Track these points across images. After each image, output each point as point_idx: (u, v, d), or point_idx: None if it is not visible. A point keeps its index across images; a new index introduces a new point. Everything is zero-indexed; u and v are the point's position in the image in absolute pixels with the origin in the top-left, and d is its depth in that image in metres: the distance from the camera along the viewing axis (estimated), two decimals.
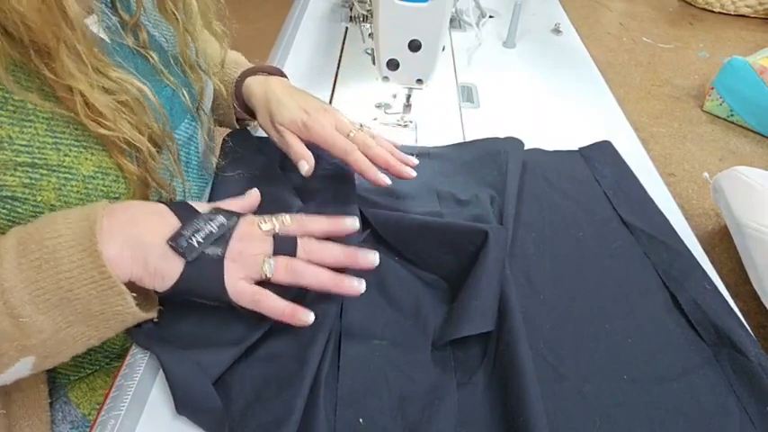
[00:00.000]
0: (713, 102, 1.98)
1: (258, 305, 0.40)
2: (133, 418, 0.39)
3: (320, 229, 0.45)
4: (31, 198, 0.39)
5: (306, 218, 0.45)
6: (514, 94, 0.82)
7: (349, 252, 0.44)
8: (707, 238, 1.51)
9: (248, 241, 0.41)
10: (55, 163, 0.40)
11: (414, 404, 0.41)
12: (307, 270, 0.42)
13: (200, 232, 0.39)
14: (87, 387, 0.54)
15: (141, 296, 0.40)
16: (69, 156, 0.40)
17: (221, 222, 0.41)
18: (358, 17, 0.93)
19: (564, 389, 0.43)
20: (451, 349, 0.46)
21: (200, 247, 0.39)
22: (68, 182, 0.40)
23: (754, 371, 0.44)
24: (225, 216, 0.42)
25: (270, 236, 0.42)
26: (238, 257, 0.40)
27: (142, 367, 0.42)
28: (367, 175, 0.53)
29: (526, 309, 0.48)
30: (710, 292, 0.50)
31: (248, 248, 0.41)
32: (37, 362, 0.37)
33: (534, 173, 0.64)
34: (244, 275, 0.40)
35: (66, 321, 0.36)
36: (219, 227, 0.40)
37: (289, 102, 0.56)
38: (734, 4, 2.73)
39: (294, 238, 0.43)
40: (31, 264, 0.35)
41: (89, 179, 0.41)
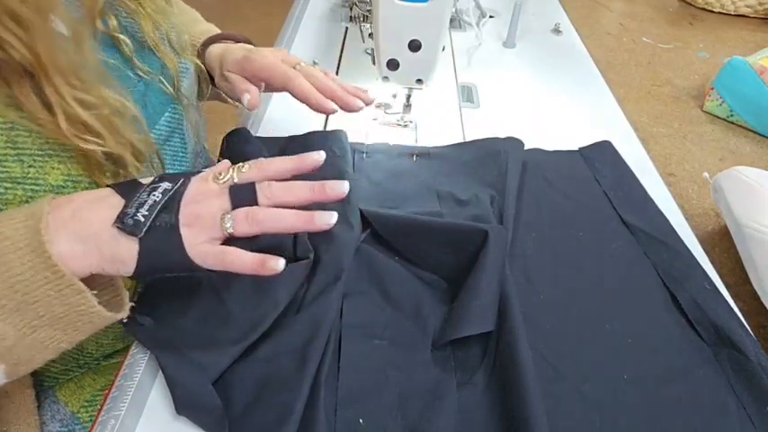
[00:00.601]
0: (713, 102, 1.98)
1: (226, 265, 0.38)
2: (133, 419, 0.39)
3: (282, 169, 0.41)
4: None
5: (265, 161, 0.41)
6: (514, 94, 0.82)
7: (315, 186, 0.41)
8: (707, 238, 1.51)
9: (202, 200, 0.38)
10: (19, 175, 0.38)
11: (414, 404, 0.41)
12: (270, 215, 0.38)
13: (144, 205, 0.36)
14: (75, 386, 0.53)
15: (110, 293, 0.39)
16: (34, 167, 0.38)
17: (165, 188, 0.37)
18: (358, 17, 0.93)
19: (564, 389, 0.43)
20: (451, 349, 0.46)
21: (147, 220, 0.35)
22: (36, 193, 0.38)
23: (754, 371, 0.44)
24: (169, 180, 0.38)
25: (226, 189, 0.39)
26: (195, 221, 0.37)
27: (142, 367, 0.42)
28: (309, 100, 0.50)
29: (526, 309, 0.48)
30: (710, 291, 0.50)
31: (203, 208, 0.38)
32: (8, 369, 0.36)
33: (534, 173, 0.64)
34: (206, 238, 0.37)
35: (29, 326, 0.35)
36: (163, 192, 0.37)
37: (236, 49, 0.55)
38: (734, 4, 2.73)
39: (252, 185, 0.39)
40: None
41: (58, 189, 0.39)
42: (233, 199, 0.39)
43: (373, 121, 0.72)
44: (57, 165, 0.39)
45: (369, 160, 0.65)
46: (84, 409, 0.52)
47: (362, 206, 0.56)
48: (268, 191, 0.40)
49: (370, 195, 0.59)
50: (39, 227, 0.33)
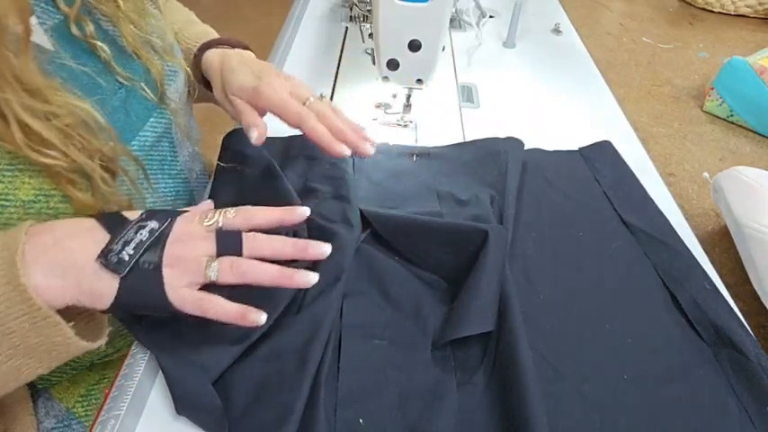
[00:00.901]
0: (713, 102, 1.98)
1: (205, 312, 0.37)
2: (133, 419, 0.39)
3: (267, 220, 0.41)
4: None
5: (252, 209, 0.41)
6: (514, 94, 0.82)
7: (298, 244, 0.40)
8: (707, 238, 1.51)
9: (187, 242, 0.38)
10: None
11: (414, 404, 0.41)
12: (254, 268, 0.38)
13: (131, 243, 0.36)
14: (69, 383, 0.53)
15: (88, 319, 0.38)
16: (3, 182, 0.37)
17: (152, 227, 0.37)
18: (358, 17, 0.93)
19: (564, 388, 0.43)
20: (451, 349, 0.46)
21: (132, 260, 0.35)
22: (5, 209, 0.37)
23: (754, 371, 0.44)
24: (158, 220, 0.38)
25: (212, 232, 0.39)
26: (177, 262, 0.37)
27: (142, 367, 0.43)
28: (323, 143, 0.49)
29: (526, 309, 0.48)
30: (710, 292, 0.50)
31: (187, 251, 0.37)
32: None
33: (534, 173, 0.64)
34: (186, 282, 0.37)
35: (5, 355, 0.34)
36: (150, 232, 0.37)
37: (241, 69, 0.53)
38: (734, 4, 2.73)
39: (238, 234, 0.39)
40: None
41: (29, 204, 0.38)
42: (219, 245, 0.38)
43: (373, 121, 0.72)
44: (27, 179, 0.38)
45: (369, 160, 0.65)
46: (80, 404, 0.52)
47: (362, 206, 0.56)
48: (253, 242, 0.39)
49: (370, 195, 0.59)
50: (14, 259, 0.32)
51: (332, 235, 0.51)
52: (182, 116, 0.54)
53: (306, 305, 0.46)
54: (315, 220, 0.54)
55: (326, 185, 0.58)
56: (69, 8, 0.42)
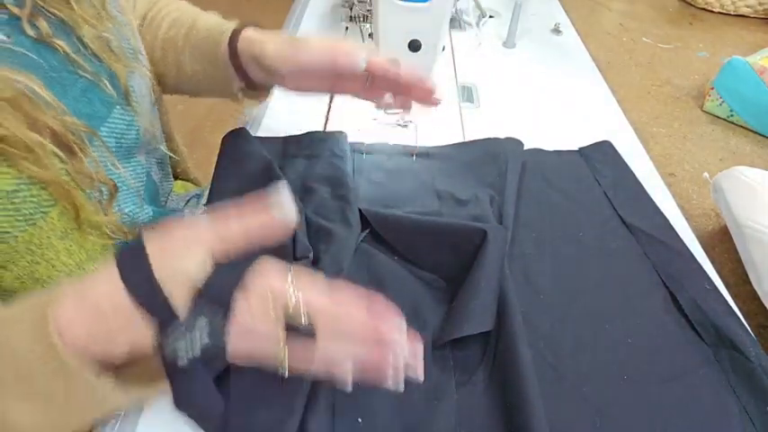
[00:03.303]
0: (713, 102, 1.98)
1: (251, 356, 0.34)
2: (133, 418, 0.39)
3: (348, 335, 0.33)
4: None
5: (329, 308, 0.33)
6: (514, 94, 0.82)
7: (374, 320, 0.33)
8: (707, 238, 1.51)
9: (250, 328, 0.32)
10: None
11: (413, 404, 0.41)
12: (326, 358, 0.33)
13: (182, 351, 0.31)
14: None
15: None
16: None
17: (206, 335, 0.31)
18: (358, 17, 0.93)
19: (563, 389, 0.43)
20: (451, 349, 0.46)
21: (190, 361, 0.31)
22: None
23: (755, 371, 0.44)
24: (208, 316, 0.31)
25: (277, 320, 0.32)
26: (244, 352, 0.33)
27: None
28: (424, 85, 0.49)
29: (526, 309, 0.47)
30: (710, 292, 0.50)
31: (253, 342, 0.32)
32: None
33: (534, 173, 0.64)
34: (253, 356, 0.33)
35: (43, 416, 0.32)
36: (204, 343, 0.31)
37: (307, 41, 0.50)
38: (734, 4, 2.73)
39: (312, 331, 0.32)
40: None
41: (13, 194, 0.37)
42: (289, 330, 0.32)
43: (373, 121, 0.72)
44: (6, 168, 0.37)
45: (369, 160, 0.65)
46: None
47: (362, 206, 0.56)
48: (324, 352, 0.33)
49: (370, 195, 0.59)
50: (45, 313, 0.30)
51: (330, 234, 0.51)
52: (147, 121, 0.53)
53: None
54: (314, 219, 0.54)
55: (326, 185, 0.58)
56: (20, 9, 0.41)
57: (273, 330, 0.32)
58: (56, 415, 0.33)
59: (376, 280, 0.50)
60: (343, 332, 0.33)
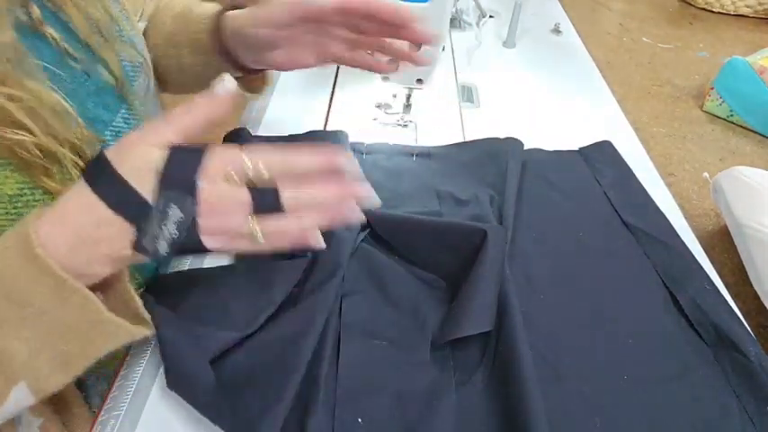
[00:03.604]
0: (713, 102, 1.98)
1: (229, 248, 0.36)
2: (133, 419, 0.39)
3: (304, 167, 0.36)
4: None
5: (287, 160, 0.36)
6: (514, 94, 0.82)
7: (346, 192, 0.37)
8: (707, 238, 1.51)
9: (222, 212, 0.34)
10: None
11: (412, 404, 0.41)
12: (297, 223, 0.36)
13: (160, 238, 0.33)
14: None
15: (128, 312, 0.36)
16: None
17: (178, 218, 0.33)
18: None
19: (563, 389, 0.43)
20: (450, 349, 0.46)
21: (169, 248, 0.33)
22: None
23: (755, 371, 0.44)
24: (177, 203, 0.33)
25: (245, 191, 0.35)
26: (217, 230, 0.34)
27: (142, 367, 0.43)
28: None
29: (526, 309, 0.47)
30: (711, 292, 0.50)
31: (226, 222, 0.35)
32: (33, 385, 0.34)
33: (534, 173, 0.64)
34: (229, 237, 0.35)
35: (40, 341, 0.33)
36: (179, 224, 0.33)
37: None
38: (734, 4, 2.73)
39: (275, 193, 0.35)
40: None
41: (15, 198, 0.37)
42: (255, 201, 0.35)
43: (373, 121, 0.72)
44: (9, 173, 0.37)
45: (368, 160, 0.65)
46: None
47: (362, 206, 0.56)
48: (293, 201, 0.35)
49: None
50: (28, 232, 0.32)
51: (329, 232, 0.51)
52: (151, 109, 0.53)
53: (301, 300, 0.46)
54: None
55: None
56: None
57: (240, 203, 0.34)
58: (53, 341, 0.33)
59: (376, 280, 0.50)
60: (300, 174, 0.36)
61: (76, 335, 0.34)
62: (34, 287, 0.32)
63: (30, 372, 0.33)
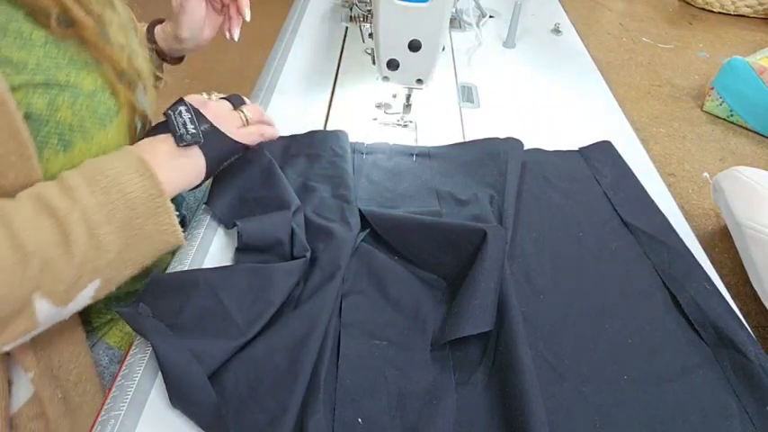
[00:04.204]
0: (713, 102, 1.98)
1: (263, 135, 0.56)
2: (133, 418, 0.39)
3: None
4: (52, 118, 0.42)
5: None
6: (514, 94, 0.82)
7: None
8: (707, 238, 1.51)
9: (213, 107, 0.51)
10: (63, 81, 0.43)
11: (412, 404, 0.41)
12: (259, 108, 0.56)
13: (186, 124, 0.48)
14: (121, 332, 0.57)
15: None
16: (71, 75, 0.43)
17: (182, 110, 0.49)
18: (358, 17, 0.93)
19: (564, 389, 0.43)
20: (450, 349, 0.46)
21: (197, 130, 0.48)
22: (77, 99, 0.44)
23: (754, 371, 0.44)
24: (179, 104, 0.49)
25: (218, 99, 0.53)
26: (220, 118, 0.51)
27: (142, 367, 0.43)
28: None
29: (526, 309, 0.47)
30: (711, 292, 0.50)
31: (218, 111, 0.51)
32: (101, 285, 0.42)
33: (534, 173, 0.64)
34: (236, 126, 0.52)
35: (125, 243, 0.42)
36: (187, 111, 0.49)
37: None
38: (734, 4, 2.73)
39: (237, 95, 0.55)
40: (102, 189, 0.41)
41: (92, 95, 0.45)
42: (233, 102, 0.54)
43: (373, 121, 0.72)
44: (86, 75, 0.45)
45: (369, 160, 0.65)
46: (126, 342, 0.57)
47: (362, 206, 0.56)
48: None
49: (369, 195, 0.59)
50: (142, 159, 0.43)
51: (329, 234, 0.51)
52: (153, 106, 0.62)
53: (302, 302, 0.46)
54: (313, 218, 0.54)
55: (326, 184, 0.58)
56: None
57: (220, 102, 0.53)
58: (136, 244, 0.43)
59: (376, 280, 0.50)
60: None
61: (149, 243, 0.44)
62: (143, 196, 0.42)
63: (108, 271, 0.41)
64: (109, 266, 0.41)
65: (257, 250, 0.50)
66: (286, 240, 0.50)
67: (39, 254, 0.37)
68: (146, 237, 0.43)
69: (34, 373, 0.45)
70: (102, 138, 0.46)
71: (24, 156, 0.40)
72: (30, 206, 0.38)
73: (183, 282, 0.46)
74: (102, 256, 0.40)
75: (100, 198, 0.40)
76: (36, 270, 0.37)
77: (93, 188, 0.41)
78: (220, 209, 0.55)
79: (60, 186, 0.40)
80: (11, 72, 0.39)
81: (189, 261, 0.51)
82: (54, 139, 0.43)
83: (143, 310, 0.44)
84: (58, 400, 0.47)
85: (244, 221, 0.50)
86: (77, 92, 0.44)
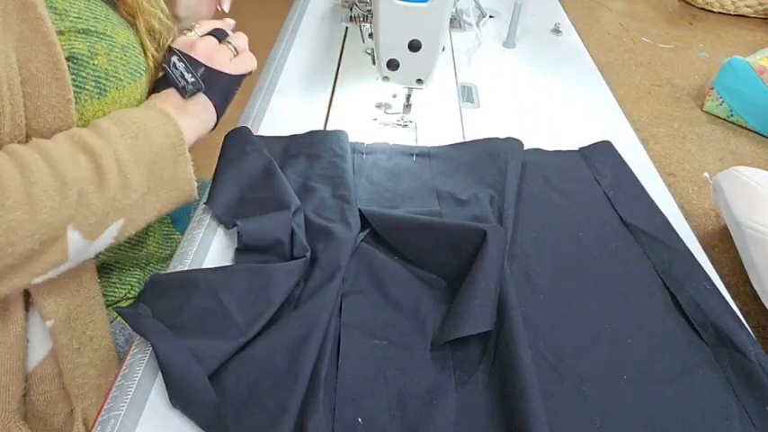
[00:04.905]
0: (713, 102, 1.98)
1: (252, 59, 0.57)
2: (133, 418, 0.39)
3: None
4: (90, 62, 0.46)
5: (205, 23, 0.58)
6: (514, 94, 0.82)
7: None
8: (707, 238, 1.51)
9: (200, 46, 0.54)
10: (102, 31, 0.47)
11: (413, 404, 0.41)
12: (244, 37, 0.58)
13: (183, 76, 0.51)
14: None
15: None
16: (108, 27, 0.48)
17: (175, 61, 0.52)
18: (358, 17, 0.93)
19: (563, 389, 0.43)
20: (450, 349, 0.46)
21: (196, 78, 0.51)
22: (113, 49, 0.48)
23: (754, 371, 0.44)
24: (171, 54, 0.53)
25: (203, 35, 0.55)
26: (211, 56, 0.54)
27: (142, 367, 0.43)
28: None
29: (526, 308, 0.48)
30: (711, 292, 0.50)
31: (206, 47, 0.54)
32: (123, 225, 0.45)
33: (534, 173, 0.64)
34: (227, 58, 0.55)
35: (148, 186, 0.45)
36: (180, 61, 0.52)
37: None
38: (734, 4, 2.73)
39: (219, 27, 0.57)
40: (131, 133, 0.45)
41: (125, 48, 0.49)
42: (216, 35, 0.56)
43: (373, 121, 0.72)
44: (121, 30, 0.49)
45: (368, 160, 0.65)
46: None
47: (362, 206, 0.56)
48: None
49: (369, 195, 0.59)
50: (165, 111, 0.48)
51: (329, 234, 0.51)
52: None
53: (302, 302, 0.46)
54: (313, 219, 0.54)
55: (326, 185, 0.58)
56: None
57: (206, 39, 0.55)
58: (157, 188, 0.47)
59: (376, 280, 0.50)
60: None
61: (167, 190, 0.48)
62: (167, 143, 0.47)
63: (131, 211, 0.45)
64: (133, 207, 0.45)
65: (257, 250, 0.50)
66: (286, 240, 0.50)
67: (76, 185, 0.40)
68: (166, 182, 0.47)
69: (54, 321, 0.47)
70: (132, 90, 0.50)
71: (64, 99, 0.43)
72: (67, 143, 0.42)
73: (183, 282, 0.46)
74: (129, 195, 0.44)
75: (129, 141, 0.44)
76: (73, 200, 0.40)
77: (124, 131, 0.44)
78: (220, 209, 0.55)
79: (94, 129, 0.44)
80: (56, 19, 0.43)
81: (189, 261, 0.51)
82: (91, 83, 0.46)
83: (143, 310, 0.44)
84: (74, 350, 0.49)
85: (244, 221, 0.50)
86: (113, 42, 0.48)
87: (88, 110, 0.46)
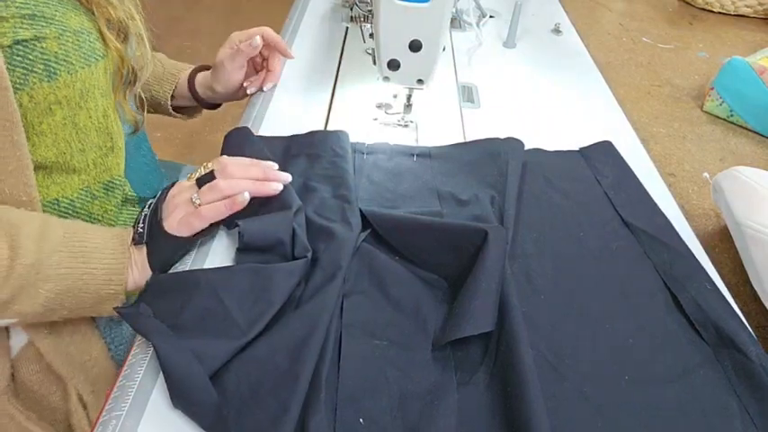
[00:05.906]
0: (713, 102, 1.98)
1: (202, 219, 0.49)
2: (134, 419, 0.39)
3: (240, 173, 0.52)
4: (38, 46, 0.45)
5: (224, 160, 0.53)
6: (514, 94, 0.82)
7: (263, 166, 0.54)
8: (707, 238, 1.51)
9: (177, 194, 0.51)
10: (50, 15, 0.46)
11: (414, 404, 0.41)
12: (228, 184, 0.50)
13: (141, 220, 0.50)
14: None
15: None
16: (58, 12, 0.46)
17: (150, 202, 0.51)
18: (358, 17, 0.93)
19: (564, 389, 0.43)
20: (451, 349, 0.46)
21: (144, 230, 0.49)
22: (64, 33, 0.46)
23: (755, 371, 0.44)
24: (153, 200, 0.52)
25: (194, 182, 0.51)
26: (174, 209, 0.50)
27: (143, 367, 0.42)
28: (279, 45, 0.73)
29: (527, 309, 0.48)
30: (711, 292, 0.50)
31: (178, 199, 0.50)
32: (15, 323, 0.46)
33: (534, 173, 0.64)
34: (183, 214, 0.49)
35: (60, 306, 0.44)
36: (149, 206, 0.51)
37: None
38: (734, 4, 2.73)
39: (212, 172, 0.51)
40: (70, 253, 0.44)
41: (78, 33, 0.48)
42: (199, 184, 0.51)
43: (374, 121, 0.72)
44: (73, 15, 0.48)
45: (369, 160, 0.65)
46: None
47: (363, 206, 0.56)
48: (224, 170, 0.51)
49: (370, 195, 0.59)
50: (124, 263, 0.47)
51: (330, 234, 0.51)
52: None
53: (303, 302, 0.46)
54: (314, 219, 0.54)
55: (327, 185, 0.58)
56: None
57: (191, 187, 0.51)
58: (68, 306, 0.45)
59: (377, 280, 0.50)
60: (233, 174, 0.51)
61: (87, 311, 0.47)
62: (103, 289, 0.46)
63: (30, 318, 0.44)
64: (32, 316, 0.44)
65: (258, 250, 0.50)
66: (287, 240, 0.50)
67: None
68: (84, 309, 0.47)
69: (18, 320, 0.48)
70: (86, 75, 0.48)
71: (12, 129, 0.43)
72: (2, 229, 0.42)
73: (184, 282, 0.46)
74: (31, 306, 0.43)
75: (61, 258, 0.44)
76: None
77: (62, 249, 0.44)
78: None
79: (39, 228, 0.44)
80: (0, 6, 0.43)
81: (190, 261, 0.51)
82: (40, 66, 0.45)
83: (144, 310, 0.44)
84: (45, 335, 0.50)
85: (245, 221, 0.50)
86: (65, 27, 0.46)
87: (38, 93, 0.46)
